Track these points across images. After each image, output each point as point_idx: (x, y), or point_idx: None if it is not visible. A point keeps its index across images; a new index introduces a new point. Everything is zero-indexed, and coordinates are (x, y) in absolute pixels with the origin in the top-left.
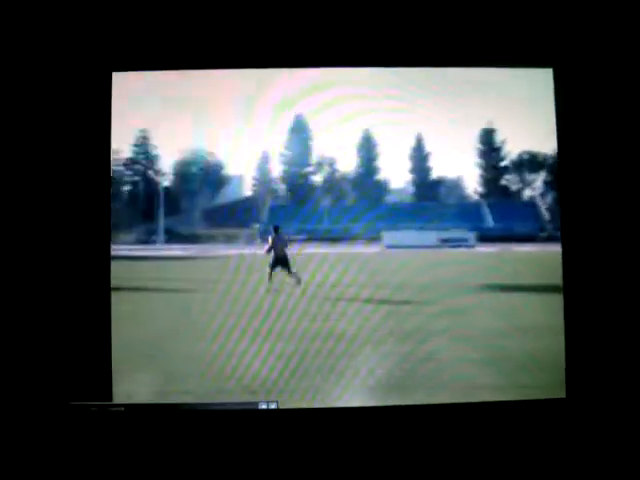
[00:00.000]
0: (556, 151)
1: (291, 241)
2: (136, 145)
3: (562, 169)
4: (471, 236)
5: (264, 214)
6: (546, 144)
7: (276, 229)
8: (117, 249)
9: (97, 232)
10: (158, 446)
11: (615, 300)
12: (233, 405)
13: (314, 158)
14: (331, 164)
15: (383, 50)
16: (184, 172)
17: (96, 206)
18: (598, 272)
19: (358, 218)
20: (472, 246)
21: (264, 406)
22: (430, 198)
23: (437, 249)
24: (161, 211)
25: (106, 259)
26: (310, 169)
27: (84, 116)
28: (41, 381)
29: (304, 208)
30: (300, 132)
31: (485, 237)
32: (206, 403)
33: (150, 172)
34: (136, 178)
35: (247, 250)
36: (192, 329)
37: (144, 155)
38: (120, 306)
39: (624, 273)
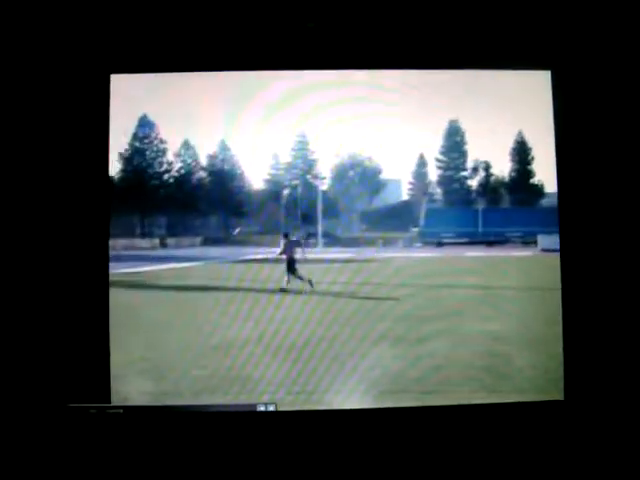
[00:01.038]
0: (554, 154)
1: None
2: (295, 149)
3: (561, 172)
4: None
5: (421, 218)
6: None
7: (286, 235)
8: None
9: (96, 234)
10: (157, 448)
11: (614, 302)
12: (231, 407)
13: (469, 162)
14: (486, 168)
15: (379, 52)
16: (342, 176)
17: (95, 207)
18: (596, 273)
19: (513, 221)
20: None
21: (262, 408)
22: None
23: None
24: (319, 215)
25: (104, 260)
26: (465, 173)
27: (82, 118)
28: (39, 383)
29: (460, 212)
30: (455, 136)
31: None
32: (205, 405)
33: (309, 176)
34: (295, 182)
35: (405, 253)
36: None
37: (302, 159)
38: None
39: (623, 275)
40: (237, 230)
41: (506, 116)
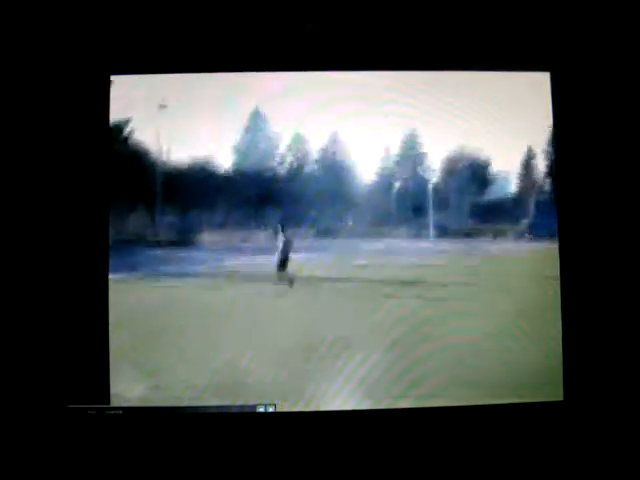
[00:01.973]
0: (553, 156)
1: None
2: (404, 142)
3: (560, 174)
4: None
5: (530, 210)
6: None
7: (282, 227)
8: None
9: (95, 234)
10: (156, 449)
11: (614, 301)
12: (231, 408)
13: None
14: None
15: (378, 53)
16: (452, 169)
17: (94, 208)
18: (596, 273)
19: None
20: None
21: (262, 409)
22: None
23: None
24: (430, 207)
25: (104, 260)
26: None
27: (82, 120)
28: (38, 384)
29: None
30: None
31: None
32: (204, 406)
33: (419, 169)
34: (405, 175)
35: (513, 245)
36: None
37: (413, 152)
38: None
39: (623, 274)
40: (349, 222)
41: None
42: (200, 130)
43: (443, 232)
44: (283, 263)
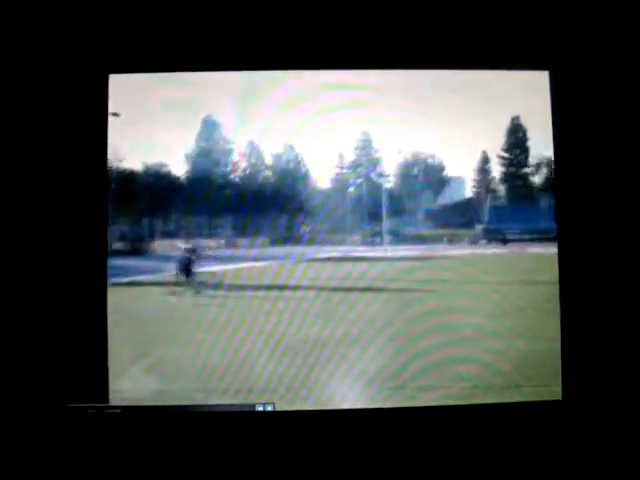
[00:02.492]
0: (552, 155)
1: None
2: (358, 148)
3: (559, 174)
4: None
5: (485, 215)
6: None
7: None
8: (340, 250)
9: (94, 234)
10: (155, 448)
11: (613, 300)
12: (229, 407)
13: (532, 159)
14: (549, 164)
15: (378, 52)
16: (406, 174)
17: (93, 207)
18: (596, 271)
19: None
20: None
21: (261, 408)
22: None
23: None
24: (384, 213)
25: (103, 259)
26: (528, 170)
27: (80, 119)
28: (37, 383)
29: (523, 209)
30: (517, 132)
31: None
32: (202, 405)
33: (373, 175)
34: (359, 180)
35: (468, 250)
36: None
37: (366, 157)
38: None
39: (622, 273)
40: (305, 229)
41: None
42: (153, 138)
43: (397, 238)
44: (186, 272)
